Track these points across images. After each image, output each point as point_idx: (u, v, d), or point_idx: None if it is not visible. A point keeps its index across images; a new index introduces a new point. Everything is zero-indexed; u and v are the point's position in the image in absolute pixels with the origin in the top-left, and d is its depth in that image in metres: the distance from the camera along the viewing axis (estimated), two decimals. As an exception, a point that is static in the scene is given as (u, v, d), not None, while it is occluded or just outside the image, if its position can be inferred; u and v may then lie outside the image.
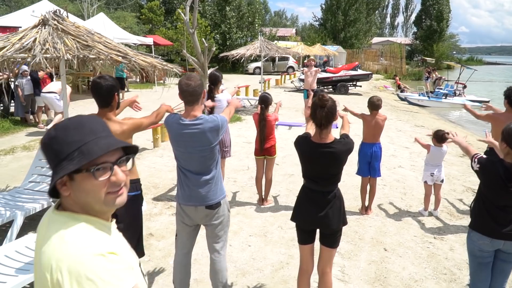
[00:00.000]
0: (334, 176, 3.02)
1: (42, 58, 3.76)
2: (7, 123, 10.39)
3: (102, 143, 1.21)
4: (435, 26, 53.69)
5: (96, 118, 1.30)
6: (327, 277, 3.19)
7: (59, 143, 1.21)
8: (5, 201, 4.87)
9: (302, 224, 3.16)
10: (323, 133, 2.95)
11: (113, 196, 1.25)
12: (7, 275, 3.32)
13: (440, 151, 5.48)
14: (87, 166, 1.19)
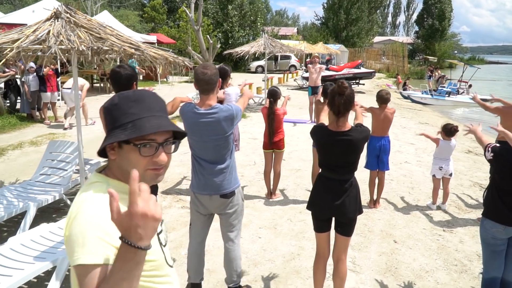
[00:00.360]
0: (351, 164, 3.05)
1: (57, 49, 3.79)
2: (14, 119, 10.43)
3: (154, 122, 1.25)
4: (437, 25, 53.71)
5: (157, 96, 1.34)
6: (342, 264, 3.22)
7: (118, 111, 1.28)
8: (17, 192, 4.90)
9: (318, 212, 3.18)
10: (340, 121, 2.97)
11: (152, 173, 1.29)
12: (24, 262, 3.35)
13: (449, 145, 5.51)
14: (135, 140, 1.24)
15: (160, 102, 1.34)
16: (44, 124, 10.53)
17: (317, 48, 26.03)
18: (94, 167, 5.58)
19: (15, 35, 4.17)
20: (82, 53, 4.03)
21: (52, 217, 5.05)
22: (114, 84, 3.17)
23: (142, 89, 1.39)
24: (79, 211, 1.20)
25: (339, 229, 3.17)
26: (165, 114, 1.32)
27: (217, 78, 3.04)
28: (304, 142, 9.40)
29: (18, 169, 7.00)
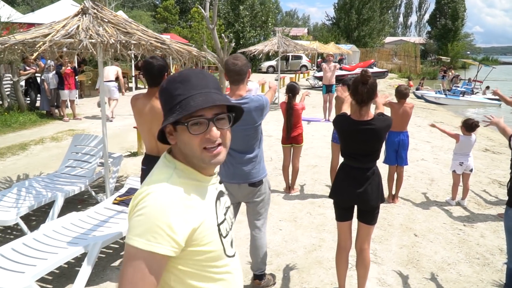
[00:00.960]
0: (374, 152, 3.10)
1: (88, 43, 3.90)
2: (34, 116, 10.64)
3: (200, 99, 1.24)
4: (450, 25, 53.30)
5: (204, 74, 1.32)
6: (365, 253, 3.27)
7: (167, 94, 1.30)
8: (44, 183, 5.04)
9: (341, 200, 3.23)
10: (363, 110, 3.02)
11: (208, 154, 1.27)
12: (57, 247, 3.46)
13: (469, 140, 5.52)
14: (184, 120, 1.24)
15: (208, 78, 1.32)
16: (63, 121, 10.72)
17: (329, 48, 26.02)
18: (116, 160, 5.71)
19: (45, 30, 4.30)
20: (111, 46, 4.14)
21: (77, 208, 5.17)
22: (147, 75, 3.26)
23: (189, 69, 1.38)
24: (148, 193, 1.22)
25: (362, 217, 3.21)
26: (213, 90, 1.29)
27: (247, 68, 3.12)
28: (319, 139, 9.46)
29: (41, 163, 7.15)
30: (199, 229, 1.24)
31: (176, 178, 1.27)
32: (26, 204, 4.39)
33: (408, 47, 39.48)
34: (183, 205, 1.22)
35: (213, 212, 1.34)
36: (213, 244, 1.29)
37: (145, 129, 3.43)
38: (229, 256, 1.39)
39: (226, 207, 1.46)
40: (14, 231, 4.61)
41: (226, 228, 1.39)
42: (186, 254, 1.24)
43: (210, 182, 1.38)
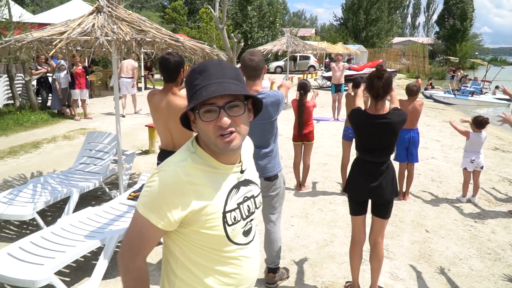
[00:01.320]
0: (388, 146, 3.13)
1: (104, 40, 3.97)
2: (46, 115, 10.77)
3: (211, 89, 1.28)
4: (458, 25, 52.95)
5: (223, 64, 1.37)
6: (379, 247, 3.30)
7: (187, 85, 1.39)
8: (59, 179, 5.13)
9: (356, 194, 3.27)
10: (378, 104, 3.06)
11: (222, 140, 1.32)
12: (75, 240, 3.53)
13: (479, 137, 5.53)
14: (198, 108, 1.32)
15: (225, 69, 1.35)
16: (74, 120, 10.83)
17: (337, 48, 26.00)
18: (129, 157, 5.78)
19: (61, 28, 4.38)
20: (126, 44, 4.21)
21: (91, 204, 5.23)
22: (163, 70, 3.33)
23: (210, 60, 1.43)
24: (158, 170, 1.36)
25: (376, 211, 3.24)
26: (229, 80, 1.32)
27: (263, 64, 3.17)
28: (328, 138, 9.49)
29: (54, 160, 7.25)
30: (200, 212, 1.34)
31: (189, 161, 1.36)
32: (42, 200, 4.47)
33: (416, 48, 39.30)
34: (186, 187, 1.31)
35: (222, 199, 1.39)
36: (215, 229, 1.37)
37: (161, 124, 3.49)
38: (238, 244, 1.45)
39: (247, 196, 1.49)
40: (30, 226, 4.69)
41: (236, 217, 1.42)
42: (188, 232, 1.37)
43: (231, 170, 1.44)
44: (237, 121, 1.34)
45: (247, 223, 1.49)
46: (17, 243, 3.44)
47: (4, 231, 4.57)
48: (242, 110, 1.35)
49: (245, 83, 1.42)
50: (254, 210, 1.54)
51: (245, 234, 1.48)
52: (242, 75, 1.42)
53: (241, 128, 1.36)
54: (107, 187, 5.56)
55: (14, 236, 4.42)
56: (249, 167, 1.57)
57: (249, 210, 1.50)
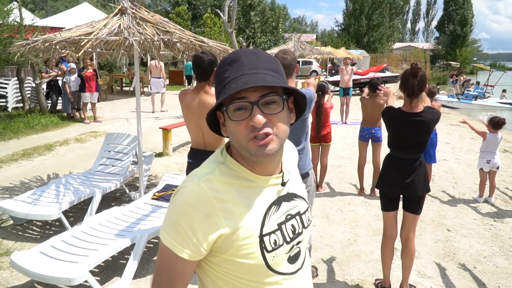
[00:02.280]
0: (422, 144, 3.17)
1: (133, 41, 4.02)
2: (56, 118, 10.81)
3: (242, 80, 1.04)
4: (458, 31, 53.22)
5: (256, 53, 1.13)
6: (411, 242, 3.33)
7: (216, 78, 1.16)
8: (80, 180, 5.16)
9: (388, 191, 3.30)
10: (413, 102, 3.10)
11: (255, 144, 1.06)
12: (106, 239, 3.56)
13: (496, 138, 5.58)
14: (226, 104, 1.08)
15: (259, 58, 1.11)
16: (83, 123, 10.87)
17: (340, 53, 26.12)
18: (148, 159, 5.81)
19: (87, 29, 4.43)
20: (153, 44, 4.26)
21: (111, 205, 5.26)
22: (196, 69, 3.36)
23: (245, 48, 1.19)
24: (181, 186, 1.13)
25: (408, 207, 3.28)
26: (263, 71, 1.08)
27: (296, 63, 3.22)
28: (339, 141, 9.52)
29: (68, 163, 7.28)
30: (231, 237, 1.09)
31: (217, 174, 1.12)
32: (67, 200, 4.50)
33: (417, 53, 39.50)
34: (213, 205, 1.07)
35: (259, 220, 1.13)
36: (251, 257, 1.11)
37: (193, 123, 3.52)
38: (282, 273, 1.17)
39: (290, 214, 1.21)
40: (53, 227, 4.72)
41: (276, 240, 1.14)
42: (219, 261, 1.13)
43: (269, 182, 1.17)
44: (274, 120, 1.07)
45: (293, 247, 1.20)
46: (48, 241, 3.47)
47: (27, 231, 4.59)
48: (280, 107, 1.08)
49: (284, 74, 1.15)
50: (302, 230, 1.23)
51: (291, 260, 1.19)
52: (281, 67, 1.16)
53: (279, 129, 1.09)
54: (127, 188, 5.58)
55: (38, 237, 4.44)
56: (293, 178, 1.28)
57: (294, 231, 1.20)
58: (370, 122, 5.85)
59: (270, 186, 1.17)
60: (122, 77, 19.22)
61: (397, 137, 3.22)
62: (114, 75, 18.92)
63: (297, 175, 1.35)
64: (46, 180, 6.24)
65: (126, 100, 16.10)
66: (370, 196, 5.88)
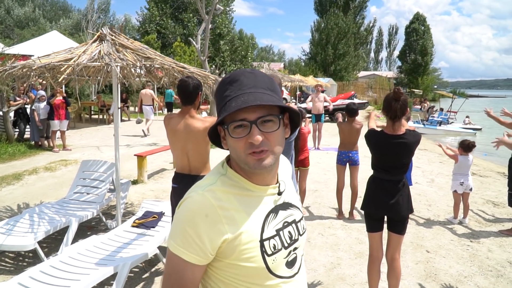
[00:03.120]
0: (404, 165, 3.27)
1: (114, 66, 3.99)
2: (23, 147, 10.47)
3: (242, 99, 1.12)
4: (419, 60, 55.62)
5: (255, 73, 1.22)
6: (396, 263, 3.37)
7: (216, 97, 1.23)
8: (55, 209, 4.98)
9: (373, 211, 3.35)
10: (395, 125, 3.20)
11: (252, 158, 1.16)
12: (87, 268, 3.43)
13: (467, 160, 5.79)
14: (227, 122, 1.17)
15: (258, 78, 1.20)
16: (52, 152, 10.56)
17: (309, 81, 26.74)
18: (124, 186, 5.68)
19: (66, 55, 4.38)
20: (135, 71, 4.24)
21: (87, 234, 5.08)
22: (181, 93, 3.35)
23: (242, 69, 1.26)
24: (186, 197, 1.21)
25: (393, 227, 3.33)
26: (261, 90, 1.16)
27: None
28: (313, 166, 9.58)
29: (38, 192, 7.02)
30: (234, 241, 1.17)
31: (219, 185, 1.21)
32: (42, 229, 4.32)
33: (382, 81, 40.92)
34: (217, 213, 1.15)
35: (259, 225, 1.22)
36: (253, 260, 1.19)
37: (178, 147, 3.49)
38: (280, 277, 1.25)
39: (287, 221, 1.31)
40: (26, 258, 4.50)
41: (276, 245, 1.24)
42: (223, 266, 1.20)
43: (267, 192, 1.26)
44: (271, 138, 1.17)
45: (290, 253, 1.29)
46: (26, 272, 3.32)
47: (0, 263, 4.36)
48: (276, 126, 1.18)
49: (279, 92, 1.25)
50: (297, 237, 1.33)
51: (288, 265, 1.29)
52: (277, 85, 1.25)
53: (275, 146, 1.19)
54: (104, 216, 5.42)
55: (12, 269, 4.22)
56: (288, 189, 1.38)
57: (291, 237, 1.30)
58: (348, 146, 5.97)
59: (267, 196, 1.26)
60: (91, 105, 18.91)
61: (381, 158, 3.30)
62: (83, 103, 18.57)
63: (292, 186, 1.44)
64: (16, 211, 5.98)
65: (96, 128, 15.80)
66: (349, 219, 5.93)
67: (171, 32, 34.51)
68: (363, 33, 56.87)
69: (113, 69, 4.00)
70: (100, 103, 17.61)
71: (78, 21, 35.95)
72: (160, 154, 9.87)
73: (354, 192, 6.04)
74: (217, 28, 32.82)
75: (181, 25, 35.23)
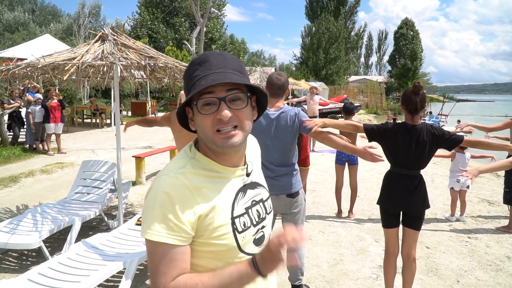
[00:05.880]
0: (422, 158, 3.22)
1: (119, 65, 4.02)
2: (18, 150, 10.39)
3: (211, 78, 1.15)
4: (409, 65, 56.23)
5: (224, 54, 1.24)
6: (413, 259, 3.36)
7: (186, 78, 1.25)
8: (57, 209, 4.97)
9: (390, 207, 3.34)
10: (414, 118, 3.22)
11: (220, 136, 1.18)
12: (95, 265, 3.44)
13: (463, 157, 5.90)
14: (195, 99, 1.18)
15: (227, 59, 1.22)
16: (47, 155, 10.50)
17: (302, 84, 26.89)
18: (125, 186, 5.69)
19: (70, 54, 4.40)
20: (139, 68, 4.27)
21: (89, 234, 5.08)
22: None
23: (211, 51, 1.28)
24: (156, 181, 1.20)
25: (409, 223, 3.31)
26: (230, 70, 1.19)
27: (288, 85, 3.34)
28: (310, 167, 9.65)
29: (36, 194, 6.99)
30: (206, 218, 1.18)
31: (189, 167, 1.21)
32: (46, 228, 4.31)
33: (373, 85, 41.27)
34: (190, 192, 1.16)
35: (229, 203, 1.24)
36: (224, 238, 1.21)
37: (184, 143, 3.52)
38: (249, 254, 1.27)
39: (255, 200, 1.34)
40: (29, 258, 4.49)
41: (245, 223, 1.27)
42: (196, 246, 1.20)
43: (235, 173, 1.29)
44: (239, 115, 1.20)
45: (258, 230, 1.32)
46: (35, 269, 3.32)
47: (4, 263, 4.34)
48: (244, 103, 1.21)
49: (248, 76, 1.28)
50: (265, 215, 1.37)
51: (256, 243, 1.31)
52: (245, 68, 1.29)
53: (244, 123, 1.21)
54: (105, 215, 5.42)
55: (16, 268, 4.21)
56: (256, 169, 1.42)
57: (259, 215, 1.34)
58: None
59: (237, 177, 1.29)
60: (83, 109, 18.82)
61: (398, 153, 3.26)
62: (76, 107, 18.48)
63: (259, 166, 1.50)
64: (16, 212, 5.96)
65: (89, 132, 15.73)
66: (348, 218, 6.00)
67: (162, 36, 34.55)
68: (354, 38, 57.43)
69: (115, 69, 4.02)
70: (94, 107, 17.53)
71: (69, 26, 35.74)
72: (156, 157, 9.89)
73: (353, 191, 6.11)
74: (209, 32, 32.96)
75: (173, 30, 35.28)
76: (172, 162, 1.25)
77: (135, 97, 28.39)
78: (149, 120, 4.36)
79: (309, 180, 8.24)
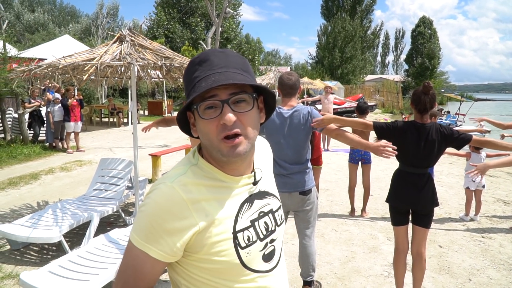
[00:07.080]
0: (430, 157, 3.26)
1: (137, 66, 4.14)
2: (38, 149, 10.67)
3: (212, 79, 1.04)
4: (427, 63, 55.52)
5: (225, 52, 1.13)
6: (422, 257, 3.41)
7: (185, 79, 1.15)
8: (76, 205, 5.13)
9: (399, 205, 3.38)
10: (424, 118, 3.26)
11: (226, 144, 1.07)
12: (113, 258, 3.56)
13: (479, 157, 5.88)
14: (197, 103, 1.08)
15: (229, 57, 1.11)
16: (66, 153, 10.75)
17: (317, 84, 26.86)
18: (142, 183, 5.83)
19: (89, 55, 4.53)
20: (156, 68, 4.39)
21: (106, 230, 5.22)
22: None
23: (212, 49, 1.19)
24: (153, 189, 1.12)
25: (418, 221, 3.36)
26: (232, 69, 1.08)
27: (299, 84, 3.42)
28: (324, 166, 9.57)
29: (56, 191, 7.19)
30: (205, 233, 1.08)
31: (189, 175, 1.12)
32: (66, 223, 4.47)
33: (389, 84, 40.90)
34: (186, 207, 1.07)
35: (232, 216, 1.13)
36: (225, 254, 1.11)
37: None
38: (256, 271, 1.17)
39: (263, 211, 1.23)
40: (50, 252, 4.65)
41: (250, 237, 1.16)
42: (193, 261, 1.11)
43: (240, 183, 1.18)
44: (244, 120, 1.09)
45: (267, 245, 1.21)
46: (56, 262, 3.46)
47: (26, 256, 4.52)
48: (250, 106, 1.10)
49: (253, 74, 1.18)
50: (275, 228, 1.24)
51: (265, 258, 1.20)
52: (250, 66, 1.18)
53: (248, 129, 1.10)
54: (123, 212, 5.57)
55: (37, 261, 4.38)
56: (265, 177, 1.29)
57: (268, 228, 1.22)
58: (360, 145, 6.07)
59: (243, 186, 1.18)
60: (101, 108, 19.15)
61: (406, 151, 3.29)
62: (94, 106, 18.83)
63: (270, 173, 1.37)
64: (37, 207, 6.15)
65: (107, 131, 16.02)
66: (361, 217, 6.03)
67: (179, 36, 34.84)
68: (370, 37, 57.01)
69: (133, 69, 4.14)
70: (111, 106, 17.83)
71: (87, 26, 36.39)
72: (172, 155, 10.04)
73: (366, 190, 6.14)
74: (224, 32, 33.14)
75: (189, 30, 35.55)
76: (174, 168, 1.16)
77: (152, 96, 28.74)
78: (168, 120, 4.47)
79: (323, 179, 8.29)
